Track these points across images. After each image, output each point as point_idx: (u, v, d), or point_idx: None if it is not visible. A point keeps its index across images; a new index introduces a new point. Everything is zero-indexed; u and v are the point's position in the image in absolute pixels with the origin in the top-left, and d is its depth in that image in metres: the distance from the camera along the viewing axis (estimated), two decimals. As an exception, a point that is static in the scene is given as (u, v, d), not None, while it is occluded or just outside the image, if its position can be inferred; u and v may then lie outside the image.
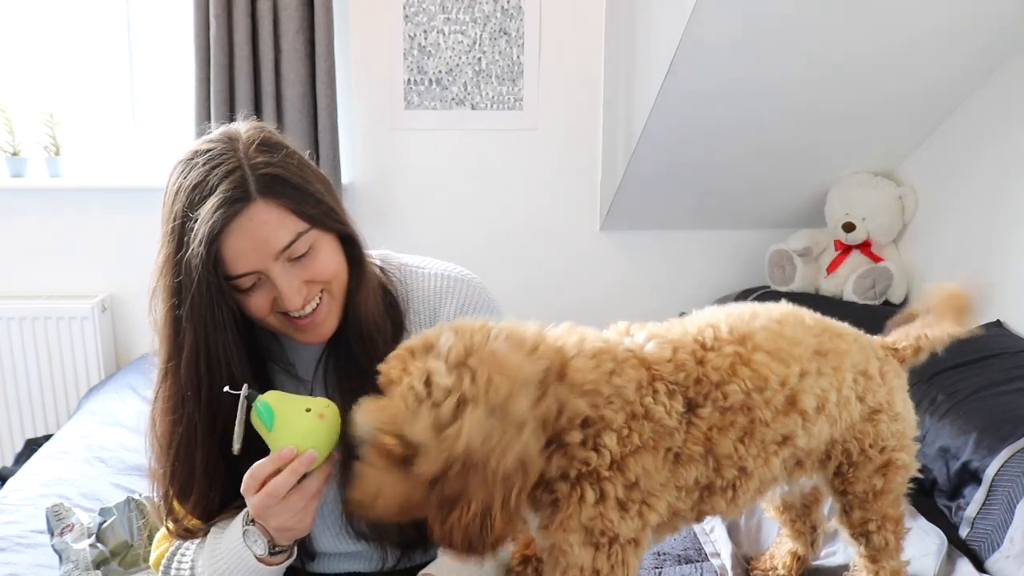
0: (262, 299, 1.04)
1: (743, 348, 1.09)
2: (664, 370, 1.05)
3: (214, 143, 1.04)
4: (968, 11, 2.09)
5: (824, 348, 1.17)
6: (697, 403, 1.05)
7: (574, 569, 1.02)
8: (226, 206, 0.98)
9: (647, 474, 1.01)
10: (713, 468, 1.08)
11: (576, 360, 1.00)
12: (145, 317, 1.09)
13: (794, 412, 1.11)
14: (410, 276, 1.22)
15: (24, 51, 2.70)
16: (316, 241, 1.05)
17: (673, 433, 1.03)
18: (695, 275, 3.01)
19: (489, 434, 0.90)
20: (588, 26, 2.75)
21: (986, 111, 2.36)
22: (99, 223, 2.73)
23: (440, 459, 0.90)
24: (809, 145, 2.60)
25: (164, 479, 1.10)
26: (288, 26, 2.50)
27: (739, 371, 1.07)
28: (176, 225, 1.01)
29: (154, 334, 1.08)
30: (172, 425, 1.07)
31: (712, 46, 2.13)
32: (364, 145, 2.76)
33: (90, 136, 2.76)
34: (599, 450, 0.99)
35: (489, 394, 0.90)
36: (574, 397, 0.98)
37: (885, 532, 1.30)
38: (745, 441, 1.08)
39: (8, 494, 1.84)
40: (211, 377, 1.04)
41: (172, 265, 1.02)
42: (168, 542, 1.19)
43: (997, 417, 1.79)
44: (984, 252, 2.36)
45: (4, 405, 2.72)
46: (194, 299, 1.00)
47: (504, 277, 2.07)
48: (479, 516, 0.92)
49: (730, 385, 1.06)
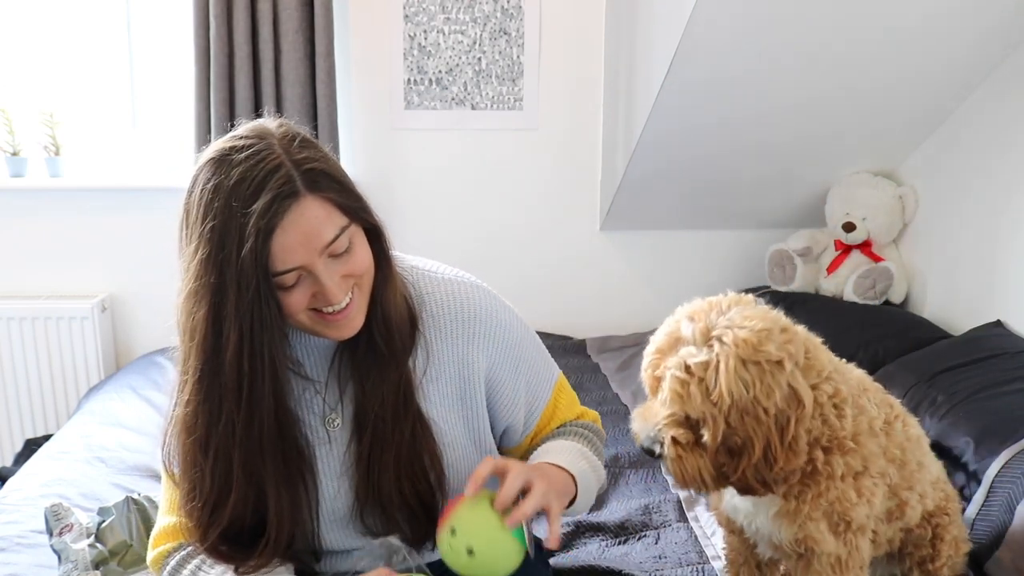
0: (301, 295, 1.04)
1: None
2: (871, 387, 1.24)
3: (248, 139, 1.02)
4: (968, 10, 2.09)
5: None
6: (888, 421, 1.21)
7: (829, 557, 1.16)
8: (278, 202, 0.98)
9: (874, 456, 1.15)
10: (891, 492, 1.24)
11: (813, 345, 1.14)
12: (145, 317, 1.09)
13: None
14: (422, 279, 1.22)
15: (24, 51, 2.70)
16: (354, 236, 1.06)
17: (878, 435, 1.18)
18: (695, 275, 3.01)
19: (749, 381, 1.03)
20: (588, 26, 2.75)
21: (987, 111, 2.36)
22: (99, 223, 2.73)
23: (720, 422, 1.04)
24: (809, 145, 2.60)
25: (200, 484, 1.09)
26: (288, 26, 2.50)
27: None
28: (216, 224, 0.99)
29: (181, 336, 1.07)
30: (208, 427, 1.06)
31: (712, 46, 2.12)
32: (364, 145, 2.76)
33: (90, 136, 2.76)
34: (842, 420, 1.12)
35: (738, 348, 1.04)
36: (818, 349, 1.13)
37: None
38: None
39: (8, 494, 1.84)
40: (253, 375, 1.03)
41: (212, 265, 1.00)
42: (169, 541, 1.17)
43: (997, 418, 1.78)
44: (984, 252, 2.35)
45: (4, 405, 2.72)
46: (241, 297, 0.99)
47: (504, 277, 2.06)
48: (763, 455, 1.05)
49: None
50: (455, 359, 1.20)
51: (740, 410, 1.04)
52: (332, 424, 1.17)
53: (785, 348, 1.06)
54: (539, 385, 1.30)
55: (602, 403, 2.32)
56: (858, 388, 1.20)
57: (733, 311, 1.10)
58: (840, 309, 2.61)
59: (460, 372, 1.21)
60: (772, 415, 1.04)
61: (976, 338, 2.19)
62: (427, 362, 1.18)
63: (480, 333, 1.21)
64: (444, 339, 1.20)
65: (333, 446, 1.17)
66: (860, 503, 1.15)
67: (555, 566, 1.58)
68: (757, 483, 1.09)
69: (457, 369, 1.21)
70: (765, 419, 1.04)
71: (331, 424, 1.17)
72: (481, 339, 1.21)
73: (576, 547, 1.68)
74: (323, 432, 1.16)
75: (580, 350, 2.75)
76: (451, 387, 1.21)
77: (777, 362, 1.05)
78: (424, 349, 1.18)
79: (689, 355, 1.06)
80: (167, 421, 1.14)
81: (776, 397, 1.04)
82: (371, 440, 1.14)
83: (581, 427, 1.34)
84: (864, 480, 1.15)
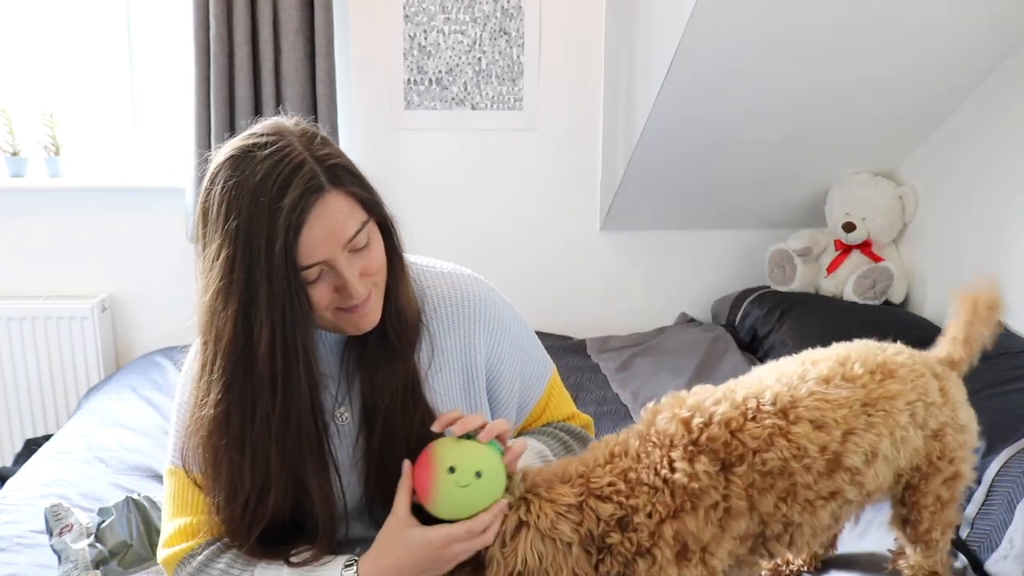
0: (324, 291, 1.04)
1: (783, 421, 1.17)
2: (679, 440, 1.15)
3: (268, 136, 1.02)
4: (968, 10, 2.09)
5: (873, 397, 1.24)
6: (731, 463, 1.14)
7: None
8: (306, 197, 0.99)
9: (689, 533, 1.11)
10: (759, 522, 1.17)
11: (593, 472, 1.14)
12: (145, 317, 1.09)
13: (840, 471, 1.19)
14: (421, 274, 1.24)
15: (24, 51, 2.70)
16: (371, 231, 1.07)
17: (709, 491, 1.12)
18: (695, 275, 3.01)
19: (543, 554, 1.08)
20: (588, 26, 2.75)
21: (987, 111, 2.36)
22: (99, 223, 2.73)
23: (504, 572, 1.09)
24: (809, 145, 2.60)
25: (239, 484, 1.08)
26: (288, 26, 2.50)
27: (776, 442, 1.16)
28: (242, 221, 0.99)
29: (205, 337, 1.06)
30: (243, 427, 1.06)
31: (712, 45, 2.13)
32: (364, 145, 2.76)
33: (90, 136, 2.76)
34: (637, 531, 1.11)
35: (540, 520, 1.09)
36: (601, 503, 1.12)
37: (945, 537, 1.39)
38: (788, 501, 1.17)
39: (8, 494, 1.84)
40: (287, 370, 1.03)
41: (240, 262, 1.00)
42: (188, 540, 1.16)
43: (997, 417, 1.78)
44: (984, 252, 2.36)
45: (4, 405, 2.72)
46: (273, 293, 0.99)
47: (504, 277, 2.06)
48: None
49: (768, 453, 1.15)
50: (458, 349, 1.22)
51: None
52: (341, 418, 1.18)
53: (577, 529, 1.10)
54: (533, 379, 1.32)
55: (602, 403, 2.32)
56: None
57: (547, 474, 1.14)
58: (840, 309, 2.61)
59: (463, 363, 1.22)
60: None
61: (976, 338, 2.19)
62: (432, 355, 1.20)
63: (480, 321, 1.23)
64: (447, 331, 1.21)
65: (342, 440, 1.18)
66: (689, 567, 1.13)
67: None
68: None
69: (460, 359, 1.22)
70: None
71: (340, 418, 1.18)
72: (481, 327, 1.23)
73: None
74: (331, 426, 1.17)
75: (580, 350, 2.75)
76: (455, 378, 1.22)
77: (568, 544, 1.09)
78: (428, 342, 1.19)
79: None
80: (183, 424, 1.13)
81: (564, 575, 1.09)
82: (381, 433, 1.14)
83: (563, 430, 1.35)
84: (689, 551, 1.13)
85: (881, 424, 1.22)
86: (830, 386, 1.22)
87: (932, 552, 1.39)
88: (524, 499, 1.11)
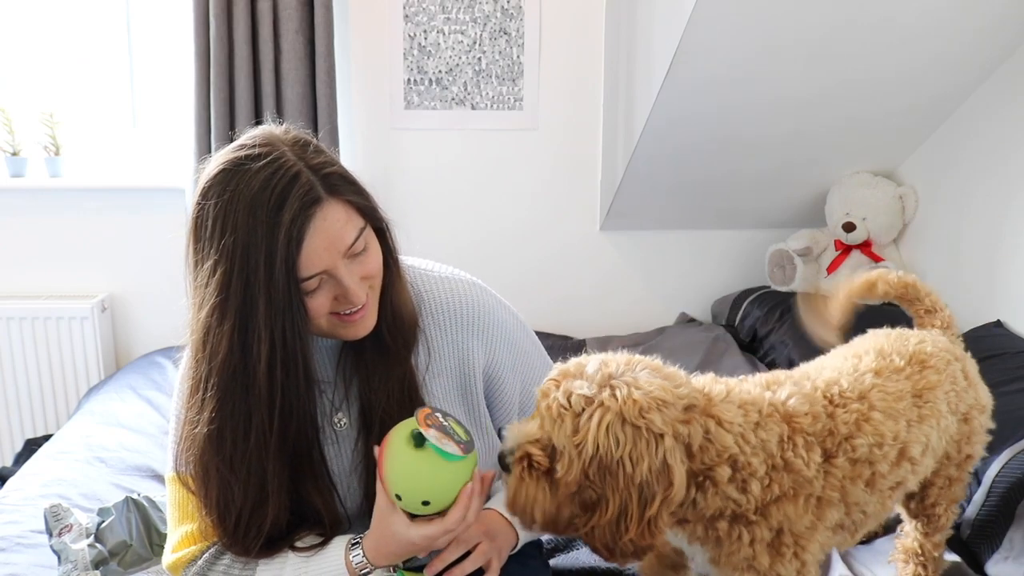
0: (323, 299, 1.04)
1: (863, 407, 1.17)
2: (803, 423, 1.12)
3: (259, 148, 1.01)
4: (968, 8, 2.09)
5: (919, 389, 1.26)
6: (832, 454, 1.13)
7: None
8: (305, 209, 0.98)
9: (789, 520, 1.09)
10: (844, 512, 1.17)
11: (724, 404, 1.07)
12: (145, 317, 1.08)
13: (904, 461, 1.20)
14: (419, 278, 1.23)
15: (24, 51, 2.70)
16: (368, 236, 1.07)
17: (812, 481, 1.10)
18: (695, 275, 3.01)
19: (621, 441, 0.97)
20: (588, 26, 2.74)
21: (987, 111, 2.36)
22: (99, 223, 2.73)
23: (577, 463, 0.98)
24: (809, 145, 2.60)
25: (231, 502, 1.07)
26: (288, 26, 2.50)
27: (863, 427, 1.16)
28: (239, 237, 0.97)
29: (198, 354, 1.04)
30: (236, 444, 1.05)
31: (712, 45, 2.12)
32: (364, 145, 2.76)
33: (90, 136, 2.76)
34: (746, 493, 1.06)
35: (625, 405, 0.97)
36: (723, 431, 1.04)
37: (949, 512, 1.42)
38: (869, 490, 1.17)
39: (8, 494, 1.84)
40: (287, 383, 1.03)
41: (237, 278, 0.98)
42: (194, 544, 1.16)
43: (997, 418, 1.77)
44: (984, 252, 2.36)
45: (4, 405, 2.72)
46: (271, 308, 0.98)
47: (504, 277, 2.07)
48: (615, 519, 0.99)
49: (858, 439, 1.15)
50: (455, 354, 1.21)
51: (602, 466, 0.98)
52: (339, 424, 1.17)
53: (673, 425, 1.00)
54: (535, 383, 1.31)
55: (602, 403, 2.32)
56: (786, 440, 1.12)
57: (648, 374, 1.03)
58: (840, 309, 2.61)
59: (460, 367, 1.22)
60: (636, 484, 0.98)
61: (976, 338, 2.19)
62: (428, 358, 1.20)
63: (478, 329, 1.22)
64: (443, 335, 1.21)
65: (341, 445, 1.18)
66: (783, 561, 1.10)
67: (555, 567, 1.58)
68: (603, 547, 1.02)
69: (457, 364, 1.22)
70: (625, 484, 0.98)
71: (338, 424, 1.17)
72: (479, 335, 1.22)
73: (576, 547, 1.68)
74: (329, 431, 1.17)
75: (580, 350, 2.74)
76: (452, 382, 1.22)
77: (659, 435, 0.99)
78: (425, 345, 1.19)
79: (578, 387, 1.01)
80: (178, 435, 1.12)
81: (644, 467, 0.97)
82: (379, 436, 1.14)
83: None
84: (784, 539, 1.10)
85: (931, 416, 1.24)
86: (882, 378, 1.23)
87: (932, 528, 1.41)
88: (606, 385, 1.00)
